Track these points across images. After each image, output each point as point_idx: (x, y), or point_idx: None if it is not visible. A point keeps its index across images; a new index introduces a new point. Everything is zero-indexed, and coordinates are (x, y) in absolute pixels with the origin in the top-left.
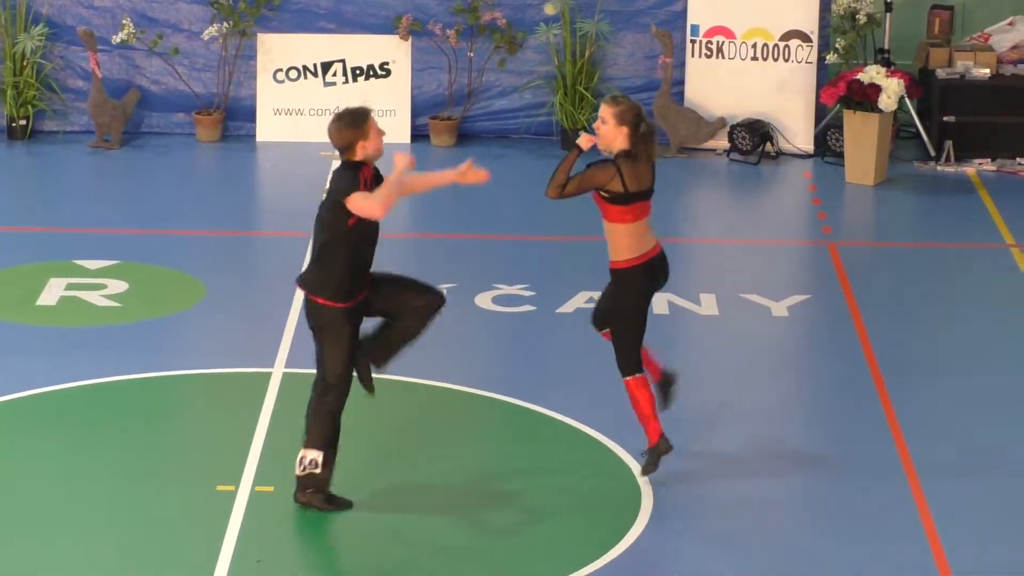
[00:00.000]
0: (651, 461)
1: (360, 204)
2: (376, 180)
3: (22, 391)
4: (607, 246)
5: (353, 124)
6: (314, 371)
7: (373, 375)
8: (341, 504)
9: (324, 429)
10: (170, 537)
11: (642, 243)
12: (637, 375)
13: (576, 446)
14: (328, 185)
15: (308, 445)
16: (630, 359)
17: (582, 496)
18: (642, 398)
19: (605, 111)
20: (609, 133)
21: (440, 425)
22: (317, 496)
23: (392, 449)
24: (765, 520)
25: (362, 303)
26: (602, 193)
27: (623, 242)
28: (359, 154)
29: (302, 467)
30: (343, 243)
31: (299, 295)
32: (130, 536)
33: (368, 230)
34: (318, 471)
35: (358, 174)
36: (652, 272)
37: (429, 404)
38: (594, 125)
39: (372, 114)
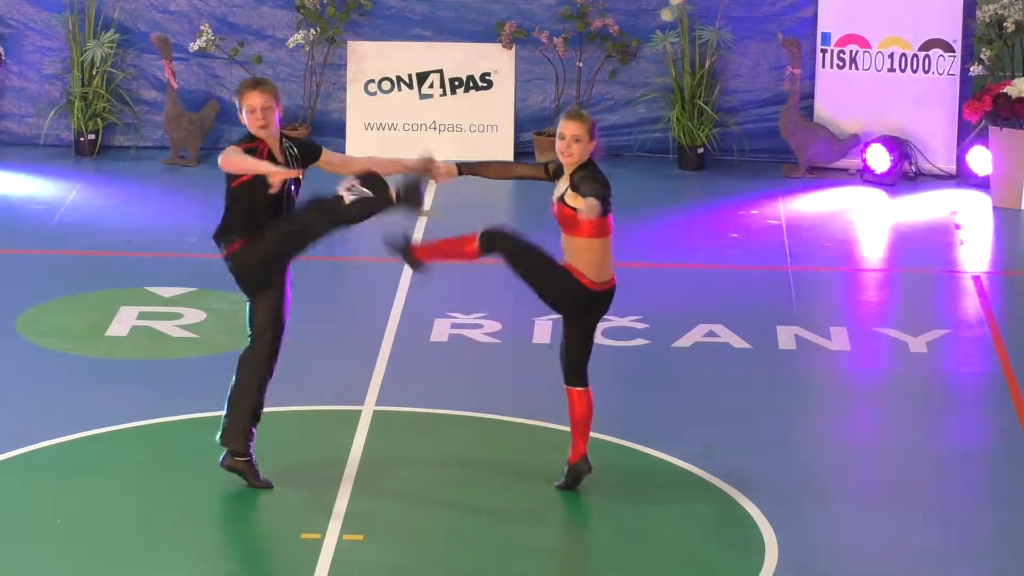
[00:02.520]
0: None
1: (223, 153)
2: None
3: (90, 429)
4: (589, 267)
5: (236, 92)
6: (406, 409)
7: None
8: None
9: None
10: None
11: (611, 265)
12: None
13: (694, 492)
14: None
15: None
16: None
17: (701, 548)
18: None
19: (578, 128)
20: (586, 149)
21: (544, 468)
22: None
23: (496, 494)
24: (899, 571)
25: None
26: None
27: (606, 257)
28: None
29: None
30: (236, 200)
31: (392, 326)
32: None
33: (264, 199)
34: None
35: (247, 142)
36: (606, 302)
37: (533, 446)
38: (561, 148)
39: (255, 90)
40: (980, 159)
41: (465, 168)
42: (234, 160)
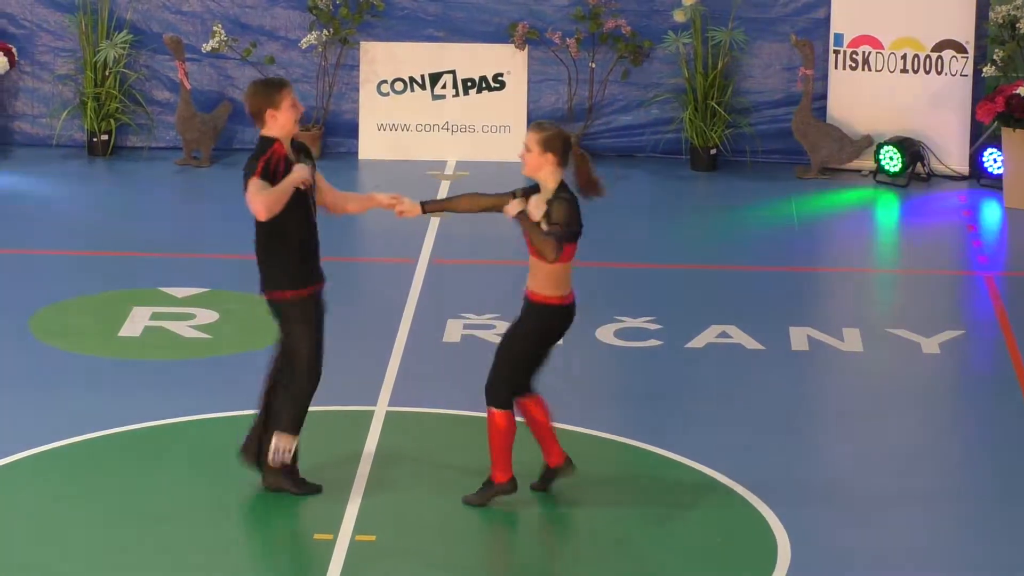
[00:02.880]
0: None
1: (250, 196)
2: (287, 165)
3: (102, 430)
4: (530, 276)
5: (265, 91)
6: (419, 409)
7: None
8: (311, 488)
9: (298, 416)
10: None
11: (569, 281)
12: (506, 409)
13: (706, 494)
14: None
15: (283, 431)
16: (505, 389)
17: (712, 548)
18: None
19: (529, 138)
20: (533, 161)
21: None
22: (288, 479)
23: (513, 496)
24: (913, 574)
25: (318, 296)
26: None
27: (559, 279)
28: (268, 124)
29: (278, 454)
30: (269, 231)
31: (404, 327)
32: None
33: (293, 214)
34: (289, 455)
35: (261, 157)
36: (570, 317)
37: None
38: (519, 154)
39: (289, 88)
40: (993, 160)
41: (429, 206)
42: (270, 200)
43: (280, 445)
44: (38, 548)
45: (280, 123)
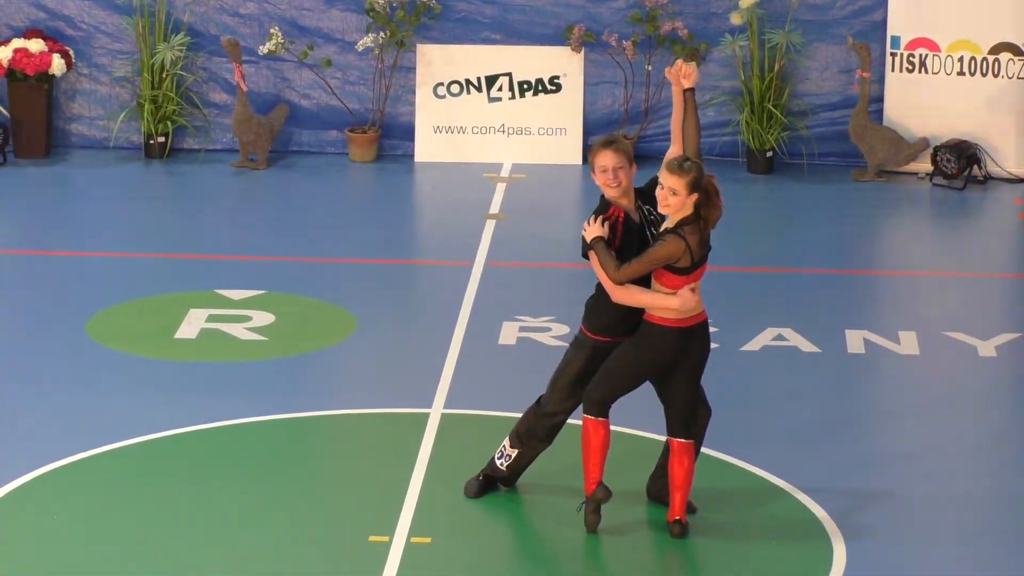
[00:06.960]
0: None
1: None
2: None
3: (160, 432)
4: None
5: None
6: (474, 412)
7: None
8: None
9: None
10: None
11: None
12: (600, 417)
13: (761, 497)
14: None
15: None
16: (604, 400)
17: (768, 551)
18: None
19: (676, 182)
20: (679, 203)
21: (615, 472)
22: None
23: (563, 497)
24: None
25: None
26: (669, 267)
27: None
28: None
29: None
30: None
31: (460, 329)
32: None
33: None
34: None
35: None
36: (687, 341)
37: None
38: (658, 193)
39: (607, 150)
40: None
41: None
42: (642, 299)
43: None
44: (96, 550)
45: (599, 184)
